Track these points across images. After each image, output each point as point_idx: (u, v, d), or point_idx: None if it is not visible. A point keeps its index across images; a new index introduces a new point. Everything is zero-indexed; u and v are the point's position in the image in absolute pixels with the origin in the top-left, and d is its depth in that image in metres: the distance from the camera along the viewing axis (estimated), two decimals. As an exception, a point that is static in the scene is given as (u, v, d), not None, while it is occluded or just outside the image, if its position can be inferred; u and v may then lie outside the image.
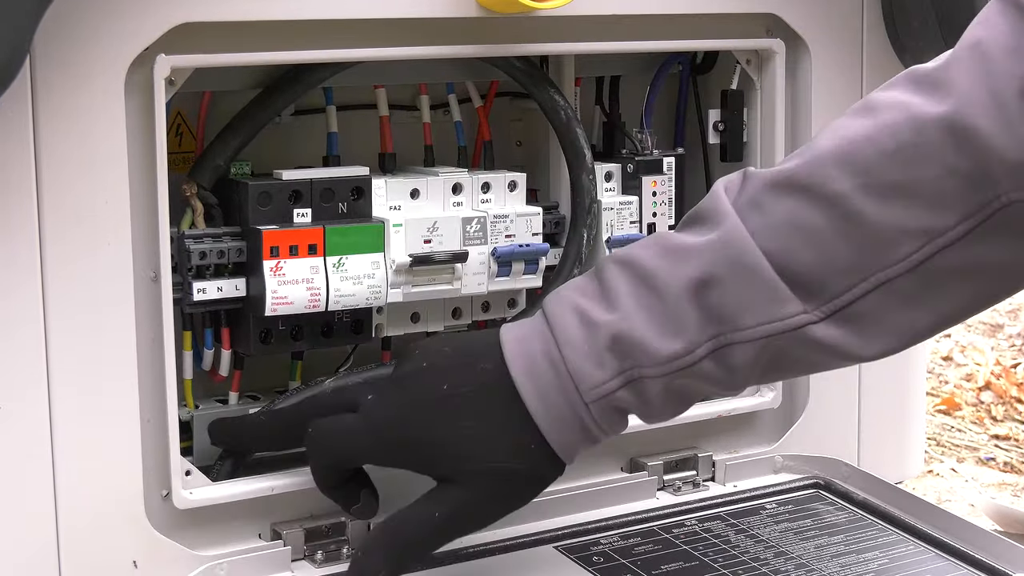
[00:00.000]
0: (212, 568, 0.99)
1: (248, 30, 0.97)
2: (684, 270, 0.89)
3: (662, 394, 0.91)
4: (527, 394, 0.91)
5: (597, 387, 0.90)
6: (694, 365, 0.89)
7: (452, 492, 0.93)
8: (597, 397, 0.90)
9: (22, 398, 0.92)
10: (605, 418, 0.92)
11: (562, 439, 0.92)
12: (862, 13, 1.21)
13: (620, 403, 0.91)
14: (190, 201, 1.02)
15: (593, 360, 0.90)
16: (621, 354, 0.89)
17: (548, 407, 0.91)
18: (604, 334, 0.89)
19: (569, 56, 1.14)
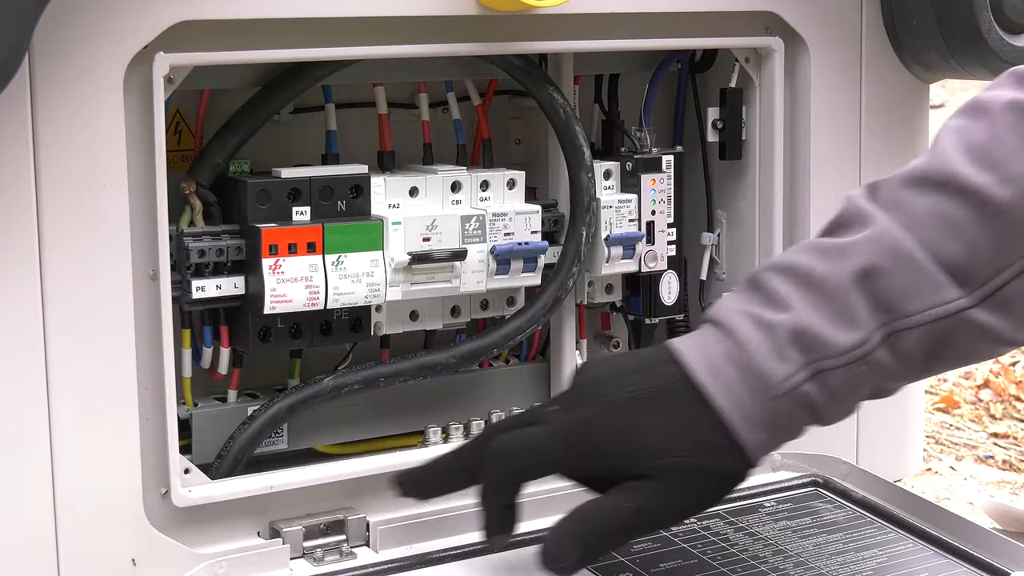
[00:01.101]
0: (211, 566, 0.99)
1: (247, 28, 0.97)
2: (845, 265, 0.90)
3: (843, 387, 0.91)
4: (716, 395, 0.90)
5: (784, 381, 0.90)
6: (870, 355, 0.90)
7: (645, 486, 0.91)
8: (786, 391, 0.90)
9: (21, 396, 0.92)
10: (795, 414, 0.91)
11: (753, 438, 0.91)
12: (861, 11, 1.21)
13: (807, 398, 0.91)
14: (189, 199, 1.02)
15: (776, 356, 0.90)
16: (803, 348, 0.90)
17: (737, 406, 0.90)
18: (783, 332, 0.90)
19: (568, 54, 1.14)
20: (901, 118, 1.25)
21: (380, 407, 1.14)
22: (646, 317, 1.20)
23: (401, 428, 1.16)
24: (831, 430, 1.24)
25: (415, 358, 1.09)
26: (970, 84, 4.04)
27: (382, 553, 1.04)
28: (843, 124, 1.21)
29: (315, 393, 1.06)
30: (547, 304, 1.12)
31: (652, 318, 1.21)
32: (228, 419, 1.07)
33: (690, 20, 1.14)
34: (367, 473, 1.06)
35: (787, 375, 0.90)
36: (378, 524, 1.05)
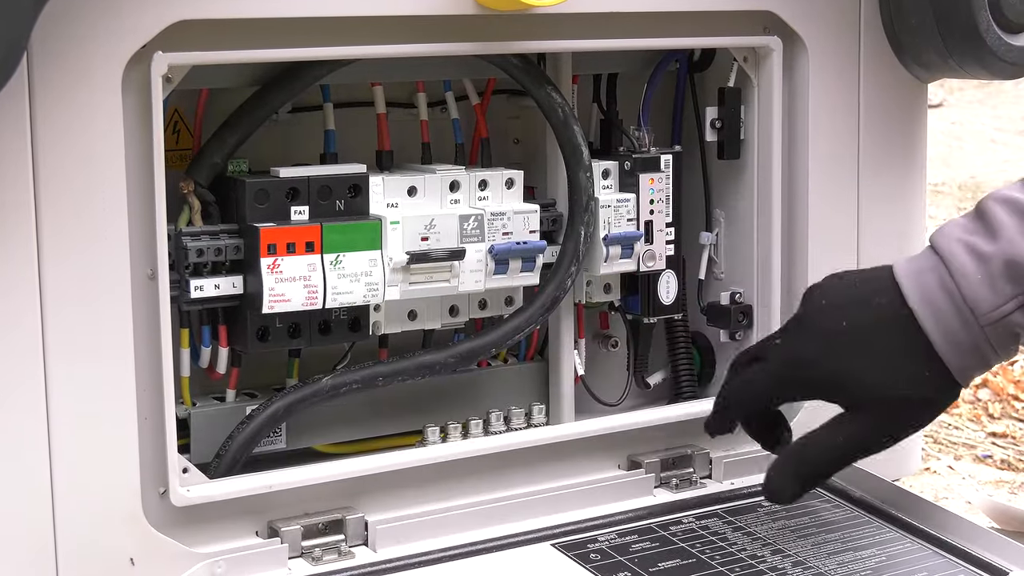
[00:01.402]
0: (209, 565, 0.99)
1: (245, 27, 0.97)
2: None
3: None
4: (926, 322, 0.96)
5: (993, 311, 0.95)
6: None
7: (855, 418, 1.00)
8: (994, 320, 0.95)
9: (19, 396, 0.92)
10: (1000, 342, 0.96)
11: (960, 363, 0.97)
12: (859, 11, 1.21)
13: (1015, 327, 0.95)
14: (187, 198, 1.02)
15: (988, 287, 0.95)
16: (1015, 279, 0.94)
17: (946, 333, 0.96)
18: (996, 263, 0.95)
19: (566, 54, 1.14)
20: (899, 117, 1.25)
21: (378, 406, 1.14)
22: (644, 316, 1.21)
23: (400, 427, 1.16)
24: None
25: (413, 357, 1.09)
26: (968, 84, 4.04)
27: (380, 552, 1.04)
28: (841, 123, 1.21)
29: (313, 392, 1.06)
30: (545, 303, 1.12)
31: (650, 317, 1.21)
32: (226, 418, 1.07)
33: (688, 20, 1.14)
34: (365, 472, 1.06)
35: (996, 305, 0.95)
36: (376, 523, 1.05)
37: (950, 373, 0.97)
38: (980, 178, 4.80)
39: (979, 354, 0.97)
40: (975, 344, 0.96)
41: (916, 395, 0.98)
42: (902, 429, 1.01)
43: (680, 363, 1.25)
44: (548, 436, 1.14)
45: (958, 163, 5.04)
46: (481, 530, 1.07)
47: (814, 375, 1.01)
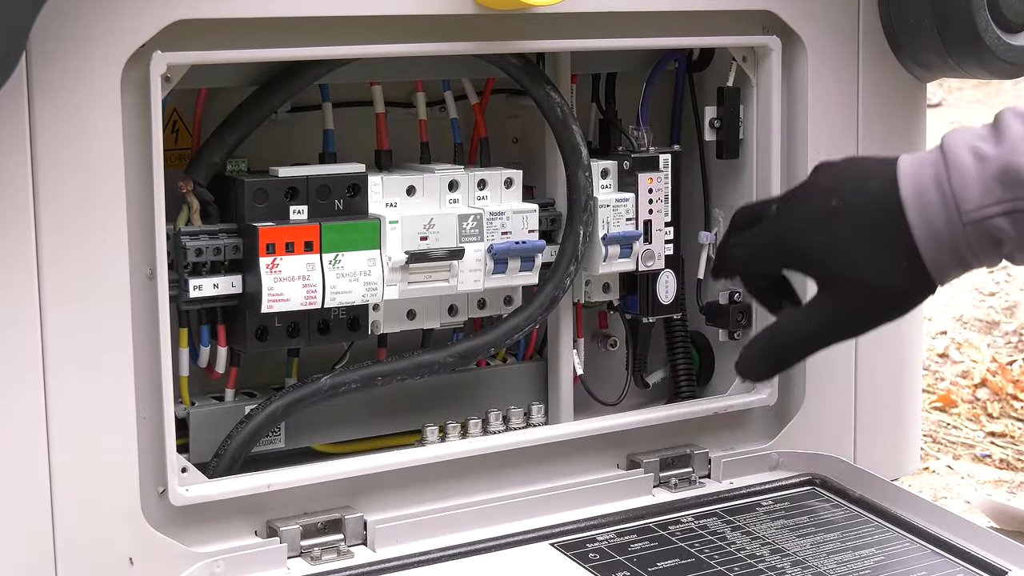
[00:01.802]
0: (208, 565, 0.99)
1: (244, 27, 0.97)
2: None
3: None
4: (911, 209, 0.96)
5: (978, 209, 0.94)
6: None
7: (827, 302, 1.00)
8: (976, 219, 0.95)
9: (18, 395, 0.92)
10: (980, 243, 0.96)
11: (936, 258, 0.97)
12: (858, 10, 1.21)
13: (997, 231, 0.95)
14: (186, 198, 1.02)
15: (979, 187, 0.94)
16: (1008, 185, 0.94)
17: (928, 224, 0.96)
18: (993, 165, 0.94)
19: (565, 53, 1.14)
20: (898, 117, 1.25)
21: (377, 406, 1.14)
22: (643, 316, 1.20)
23: (398, 427, 1.16)
24: (828, 428, 1.25)
25: (412, 357, 1.09)
26: (967, 83, 4.04)
27: (379, 552, 1.04)
28: (840, 123, 1.21)
29: (312, 392, 1.06)
30: (544, 303, 1.12)
31: (649, 317, 1.21)
32: (225, 418, 1.07)
33: (687, 19, 1.14)
34: (364, 472, 1.06)
35: (982, 205, 0.94)
36: (375, 523, 1.05)
37: (926, 268, 0.97)
38: (979, 178, 4.78)
39: (957, 253, 0.96)
40: (954, 241, 0.95)
41: (888, 282, 0.98)
42: (872, 316, 1.01)
43: (679, 362, 1.26)
44: (547, 436, 1.14)
45: (957, 163, 5.03)
46: (480, 530, 1.07)
47: (796, 246, 1.01)
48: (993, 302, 3.10)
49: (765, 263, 1.06)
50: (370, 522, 1.05)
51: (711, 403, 1.21)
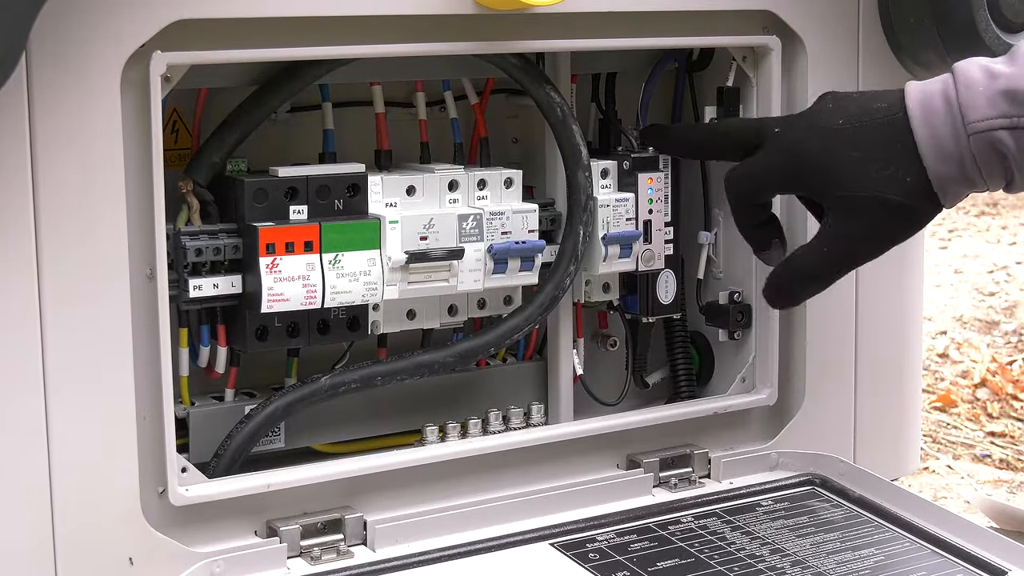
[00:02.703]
0: (208, 565, 0.99)
1: (244, 27, 0.97)
2: None
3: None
4: (915, 119, 0.98)
5: (982, 120, 0.96)
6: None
7: (836, 225, 1.02)
8: (980, 130, 0.96)
9: (18, 395, 0.92)
10: (983, 157, 0.97)
11: (941, 170, 0.98)
12: (858, 10, 1.21)
13: (1000, 144, 0.96)
14: (186, 198, 1.02)
15: (986, 99, 0.96)
16: (1014, 101, 0.95)
17: (933, 134, 0.97)
18: (1003, 81, 0.96)
19: (565, 53, 1.14)
20: (898, 117, 1.25)
21: (377, 406, 1.14)
22: (643, 316, 1.21)
23: (398, 427, 1.16)
24: (828, 428, 1.25)
25: (412, 357, 1.09)
26: (967, 83, 3.89)
27: (379, 552, 1.04)
28: (840, 123, 1.21)
29: (312, 392, 1.06)
30: (544, 303, 1.12)
31: (649, 317, 1.21)
32: (225, 418, 1.07)
33: (687, 19, 1.14)
34: (364, 472, 1.06)
35: (987, 116, 0.95)
36: (375, 523, 1.05)
37: (930, 184, 0.98)
38: (979, 178, 4.79)
39: (961, 166, 0.97)
40: (959, 152, 0.97)
41: (893, 197, 0.99)
42: (880, 236, 1.02)
43: (679, 362, 1.26)
44: (547, 436, 1.14)
45: (957, 163, 5.03)
46: (480, 530, 1.07)
47: (802, 165, 1.02)
48: (993, 302, 3.10)
49: (771, 187, 1.06)
50: (370, 522, 1.05)
51: (711, 403, 1.21)
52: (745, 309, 1.22)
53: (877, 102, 1.01)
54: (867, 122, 1.00)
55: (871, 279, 1.25)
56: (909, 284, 1.29)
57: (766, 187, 1.07)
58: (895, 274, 1.27)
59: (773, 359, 1.21)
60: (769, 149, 1.05)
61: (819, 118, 1.03)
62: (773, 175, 1.05)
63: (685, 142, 1.17)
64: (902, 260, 1.27)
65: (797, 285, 1.07)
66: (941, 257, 3.58)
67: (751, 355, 1.22)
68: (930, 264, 3.39)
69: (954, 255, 3.61)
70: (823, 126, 1.02)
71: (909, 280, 1.29)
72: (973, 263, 3.52)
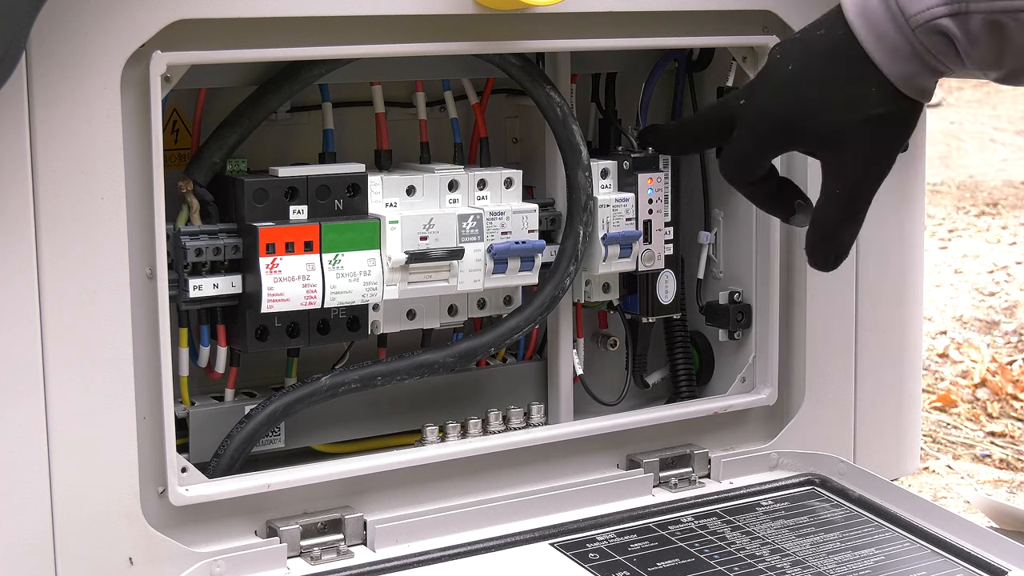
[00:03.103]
0: (208, 565, 0.98)
1: (244, 27, 0.97)
2: None
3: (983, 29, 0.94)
4: (859, 30, 0.97)
5: (922, 12, 0.95)
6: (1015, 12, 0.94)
7: (834, 166, 1.02)
8: (923, 22, 0.95)
9: (18, 395, 0.92)
10: (935, 46, 0.96)
11: (899, 71, 0.97)
12: (858, 10, 1.21)
13: (947, 31, 0.95)
14: (186, 198, 1.02)
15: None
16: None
17: (879, 39, 0.97)
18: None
19: (565, 53, 1.14)
20: (898, 117, 1.24)
21: (377, 406, 1.14)
22: (643, 316, 1.21)
23: (398, 427, 1.16)
24: (828, 428, 1.25)
25: (412, 357, 1.09)
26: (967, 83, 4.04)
27: (379, 552, 1.04)
28: (840, 123, 1.21)
29: (312, 392, 1.06)
30: (544, 303, 1.12)
31: (649, 317, 1.21)
32: (225, 418, 1.07)
33: (687, 19, 1.14)
34: (364, 472, 1.06)
35: (926, 7, 0.94)
36: (375, 523, 1.05)
37: (896, 87, 0.98)
38: (979, 178, 4.80)
39: (918, 59, 0.97)
40: (910, 47, 0.96)
41: (869, 114, 0.98)
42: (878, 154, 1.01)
43: (679, 362, 1.26)
44: (547, 436, 1.14)
45: (957, 163, 5.04)
46: (480, 530, 1.07)
47: (774, 128, 1.02)
48: (993, 302, 3.10)
49: (758, 160, 1.05)
50: (370, 522, 1.05)
51: (711, 403, 1.21)
52: (745, 309, 1.22)
53: (816, 29, 1.00)
54: (814, 57, 1.00)
55: (871, 279, 1.25)
56: (909, 284, 1.29)
57: (755, 158, 1.05)
58: (895, 274, 1.27)
59: (773, 359, 1.21)
60: (742, 122, 1.04)
61: (771, 73, 1.02)
62: (754, 149, 1.04)
63: (672, 140, 1.16)
64: (902, 260, 1.27)
65: (833, 237, 1.04)
66: (941, 257, 3.58)
67: (751, 355, 1.22)
68: (930, 264, 3.39)
69: (954, 255, 3.61)
70: (776, 80, 1.01)
71: (909, 280, 1.29)
72: (973, 263, 3.52)
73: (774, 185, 1.08)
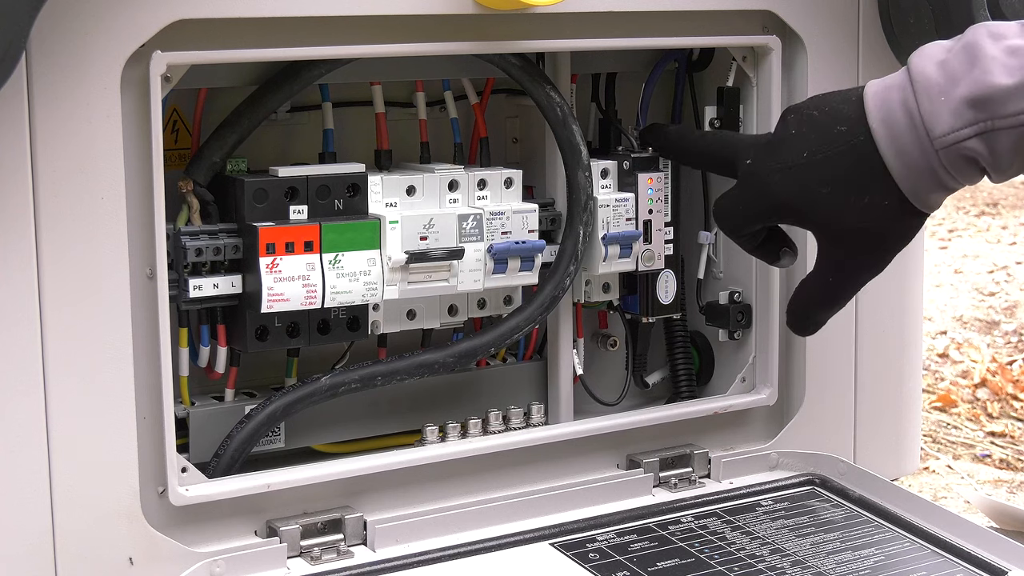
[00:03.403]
0: (208, 565, 0.98)
1: (244, 27, 0.97)
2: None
3: (1013, 148, 0.94)
4: (881, 140, 0.96)
5: (949, 134, 0.94)
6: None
7: (831, 254, 1.03)
8: (948, 144, 0.94)
9: (18, 395, 0.92)
10: (956, 167, 0.95)
11: (913, 185, 0.96)
12: (858, 10, 1.21)
13: (970, 152, 0.94)
14: (186, 198, 1.02)
15: (949, 110, 0.94)
16: (979, 107, 0.93)
17: (900, 153, 0.95)
18: (964, 88, 0.93)
19: (565, 53, 1.14)
20: (898, 117, 1.24)
21: (377, 406, 1.14)
22: (643, 316, 1.20)
23: (398, 427, 1.16)
24: (828, 428, 1.25)
25: (412, 357, 1.09)
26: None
27: (379, 552, 1.04)
28: (840, 123, 1.21)
29: (312, 392, 1.06)
30: (544, 303, 1.12)
31: (649, 317, 1.20)
32: (225, 418, 1.07)
33: (687, 19, 1.14)
34: (364, 472, 1.06)
35: (953, 128, 0.93)
36: (375, 523, 1.05)
37: (908, 200, 0.97)
38: (979, 177, 4.79)
39: (934, 177, 0.96)
40: (929, 166, 0.95)
41: (874, 224, 0.98)
42: (874, 256, 1.02)
43: (678, 362, 1.25)
44: (547, 436, 1.14)
45: (957, 162, 5.03)
46: (480, 530, 1.07)
47: (776, 205, 1.02)
48: (993, 302, 3.10)
49: (752, 223, 1.05)
50: (370, 522, 1.05)
51: (711, 403, 1.21)
52: (745, 309, 1.22)
53: (838, 124, 0.98)
54: (831, 153, 0.98)
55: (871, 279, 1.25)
56: (909, 284, 1.29)
57: (748, 223, 1.06)
58: (895, 274, 1.27)
59: (773, 359, 1.21)
60: (742, 186, 1.04)
61: (784, 152, 1.00)
62: (751, 213, 1.04)
63: (672, 147, 1.16)
64: (902, 260, 1.27)
65: (813, 315, 1.07)
66: (941, 257, 3.58)
67: (751, 355, 1.22)
68: (930, 264, 3.39)
69: (954, 255, 3.61)
70: (790, 162, 1.00)
71: (909, 280, 1.29)
72: (973, 263, 3.52)
73: (762, 237, 1.08)
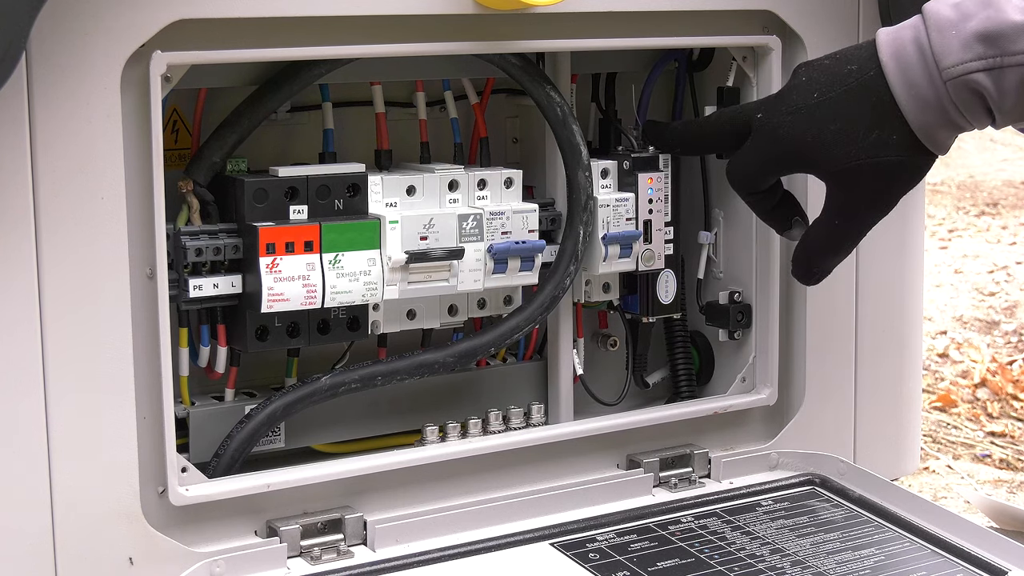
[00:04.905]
0: (208, 565, 0.99)
1: (244, 27, 0.97)
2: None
3: (1018, 87, 0.94)
4: (891, 73, 0.97)
5: (957, 65, 0.94)
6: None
7: (837, 198, 1.03)
8: (956, 75, 0.95)
9: (18, 395, 0.92)
10: (963, 101, 0.95)
11: (922, 119, 0.97)
12: (858, 10, 1.21)
13: (978, 86, 0.94)
14: (186, 198, 1.02)
15: (959, 43, 0.94)
16: (989, 42, 0.93)
17: (909, 85, 0.96)
18: (976, 23, 0.94)
19: (565, 53, 1.14)
20: (898, 117, 1.24)
21: (377, 406, 1.14)
22: (643, 316, 1.20)
23: (398, 427, 1.16)
24: (828, 428, 1.25)
25: (412, 357, 1.09)
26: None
27: (379, 552, 1.04)
28: (840, 123, 1.21)
29: (312, 392, 1.06)
30: (544, 303, 1.12)
31: (649, 317, 1.20)
32: (225, 418, 1.07)
33: (687, 19, 1.14)
34: (364, 472, 1.06)
35: (962, 60, 0.94)
36: (375, 523, 1.05)
37: (917, 137, 0.97)
38: (979, 177, 4.80)
39: (942, 112, 0.96)
40: (938, 100, 0.96)
41: (884, 159, 0.98)
42: (882, 196, 1.02)
43: (679, 362, 1.26)
44: (547, 436, 1.14)
45: (957, 163, 5.04)
46: (480, 530, 1.07)
47: (789, 149, 1.02)
48: (993, 302, 3.10)
49: (766, 174, 1.06)
50: (370, 522, 1.05)
51: (711, 403, 1.21)
52: (745, 309, 1.22)
53: (848, 64, 1.00)
54: (841, 90, 0.99)
55: (871, 279, 1.25)
56: (909, 284, 1.29)
57: (762, 174, 1.06)
58: (895, 274, 1.27)
59: (773, 359, 1.21)
60: (756, 137, 1.05)
61: (795, 96, 1.02)
62: (765, 163, 1.05)
63: (680, 140, 1.17)
64: (902, 260, 1.27)
65: (818, 261, 1.07)
66: (941, 257, 3.58)
67: (751, 355, 1.22)
68: (930, 264, 3.39)
69: (954, 255, 3.61)
70: (800, 104, 1.01)
71: (909, 280, 1.29)
72: (973, 263, 3.52)
73: (776, 198, 1.09)
